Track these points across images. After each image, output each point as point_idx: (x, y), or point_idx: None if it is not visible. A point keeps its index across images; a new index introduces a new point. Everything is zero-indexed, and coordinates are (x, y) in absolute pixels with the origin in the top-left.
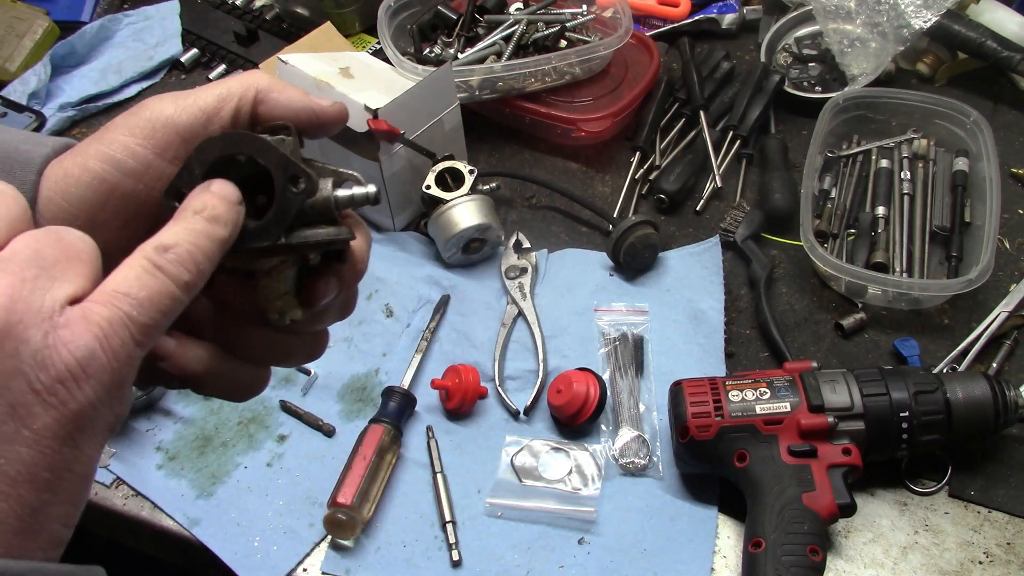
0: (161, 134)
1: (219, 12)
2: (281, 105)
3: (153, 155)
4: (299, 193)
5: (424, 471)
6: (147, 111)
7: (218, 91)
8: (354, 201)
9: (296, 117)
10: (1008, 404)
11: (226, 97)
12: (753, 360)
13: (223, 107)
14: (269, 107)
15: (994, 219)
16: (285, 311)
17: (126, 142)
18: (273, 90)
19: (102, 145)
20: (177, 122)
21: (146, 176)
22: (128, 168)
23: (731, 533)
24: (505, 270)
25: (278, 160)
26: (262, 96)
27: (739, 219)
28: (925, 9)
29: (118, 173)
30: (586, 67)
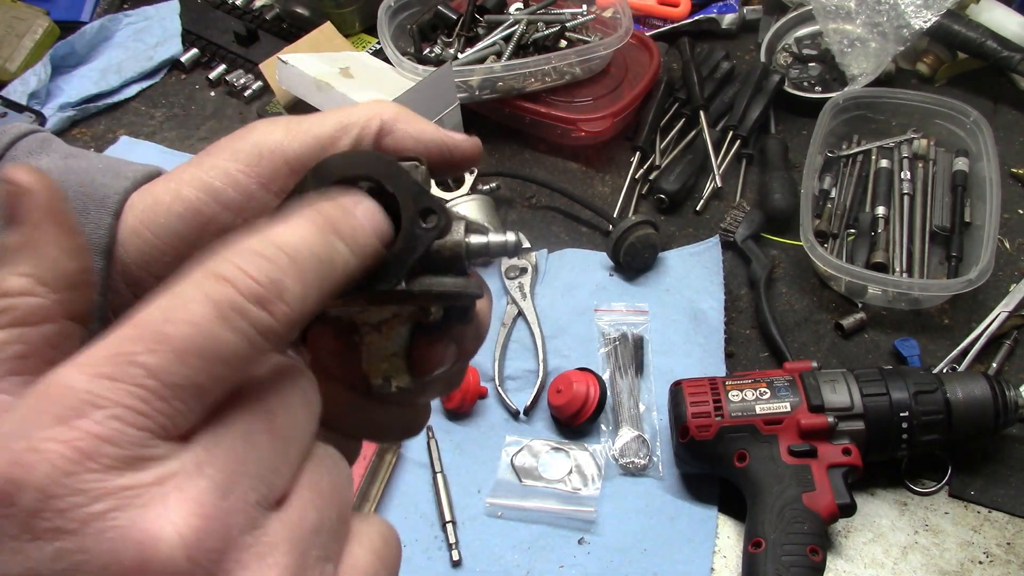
0: (268, 162)
1: (219, 12)
2: (410, 137)
3: (257, 185)
4: (430, 230)
5: (424, 471)
6: (254, 135)
7: (337, 119)
8: (489, 251)
9: (427, 152)
10: (1008, 404)
11: (346, 126)
12: (753, 360)
13: (341, 137)
14: (396, 139)
15: (994, 219)
16: (391, 376)
17: (227, 168)
18: (400, 120)
19: (199, 171)
20: (287, 150)
21: (247, 209)
22: (227, 199)
23: (731, 533)
24: (505, 270)
25: (410, 188)
26: (388, 127)
27: (739, 219)
28: (925, 9)
29: (216, 204)
30: (586, 67)
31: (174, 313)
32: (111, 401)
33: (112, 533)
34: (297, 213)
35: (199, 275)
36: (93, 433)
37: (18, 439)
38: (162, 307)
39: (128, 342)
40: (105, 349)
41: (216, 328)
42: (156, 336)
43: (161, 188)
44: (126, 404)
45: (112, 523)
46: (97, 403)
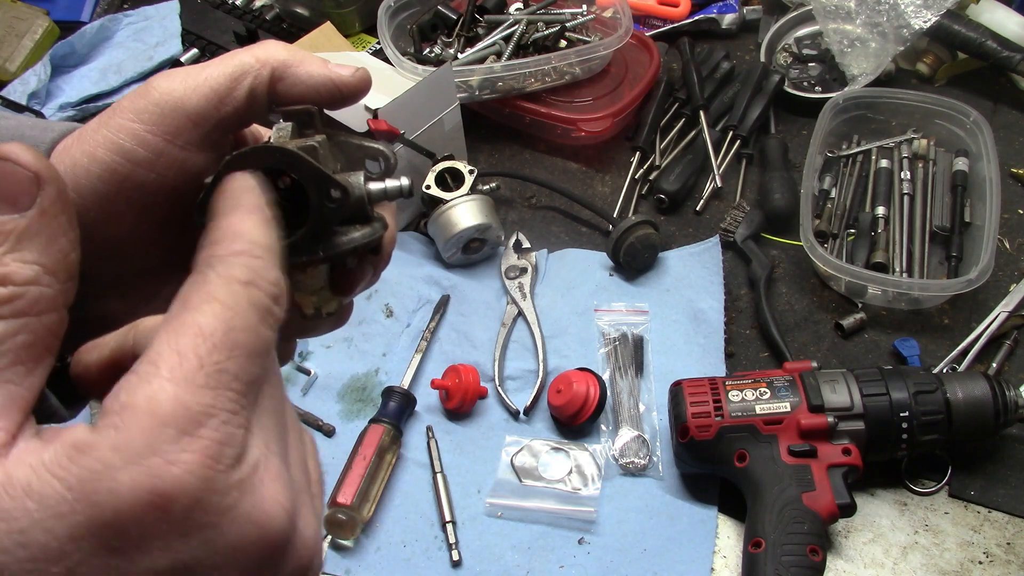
0: (171, 119)
1: (219, 12)
2: (301, 82)
3: (164, 142)
4: (335, 207)
5: (424, 471)
6: (155, 92)
7: (230, 69)
8: (387, 195)
9: (317, 93)
10: (1008, 404)
11: (239, 76)
12: (753, 360)
13: (237, 87)
14: (288, 84)
15: (994, 219)
16: (321, 305)
17: (135, 129)
18: (291, 64)
19: (109, 132)
20: (187, 106)
21: (158, 164)
22: (139, 158)
23: (731, 533)
24: (505, 270)
25: (313, 175)
26: (280, 73)
27: (739, 219)
28: (925, 9)
29: (129, 164)
30: (586, 67)
31: (235, 320)
32: (219, 409)
33: (240, 518)
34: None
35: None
36: (216, 440)
37: (150, 455)
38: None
39: (210, 351)
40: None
41: (263, 329)
42: (232, 345)
43: (77, 151)
44: (228, 409)
45: (239, 511)
46: (210, 412)
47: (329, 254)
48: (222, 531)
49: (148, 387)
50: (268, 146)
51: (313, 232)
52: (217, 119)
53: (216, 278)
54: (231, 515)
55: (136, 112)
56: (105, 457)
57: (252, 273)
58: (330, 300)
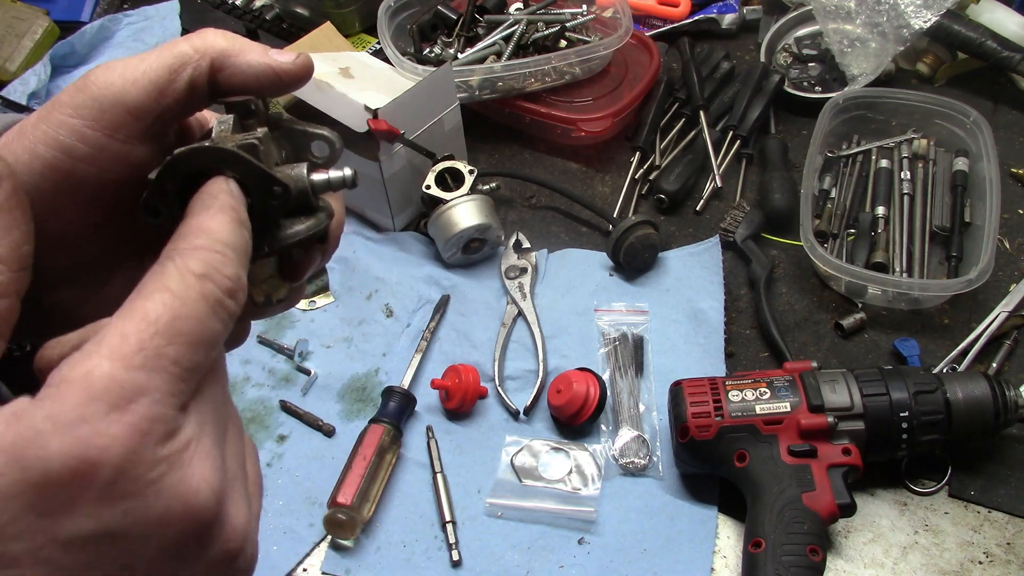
0: (110, 114)
1: (219, 12)
2: (241, 72)
3: (105, 137)
4: (277, 203)
5: (424, 471)
6: (93, 87)
7: (169, 60)
8: (331, 186)
9: (258, 81)
10: (1008, 404)
11: (179, 67)
12: (753, 360)
13: (176, 78)
14: (228, 74)
15: (994, 219)
16: (271, 293)
17: (74, 125)
18: (231, 53)
19: (49, 128)
20: (127, 99)
21: (100, 159)
22: (80, 153)
23: (731, 533)
24: (505, 270)
25: (252, 173)
26: (219, 62)
27: (739, 219)
28: (925, 9)
29: (70, 159)
30: (586, 67)
31: (182, 310)
32: (153, 388)
33: (165, 492)
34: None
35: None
36: (146, 416)
37: (80, 425)
38: (167, 304)
39: (151, 336)
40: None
41: (212, 322)
42: (175, 332)
43: (19, 147)
44: (164, 390)
45: (164, 484)
46: (142, 391)
47: (274, 248)
48: (147, 502)
49: (86, 363)
50: (206, 147)
51: (257, 228)
52: (157, 111)
53: (172, 269)
54: (156, 487)
55: (75, 107)
56: (38, 424)
57: (208, 267)
58: (280, 287)
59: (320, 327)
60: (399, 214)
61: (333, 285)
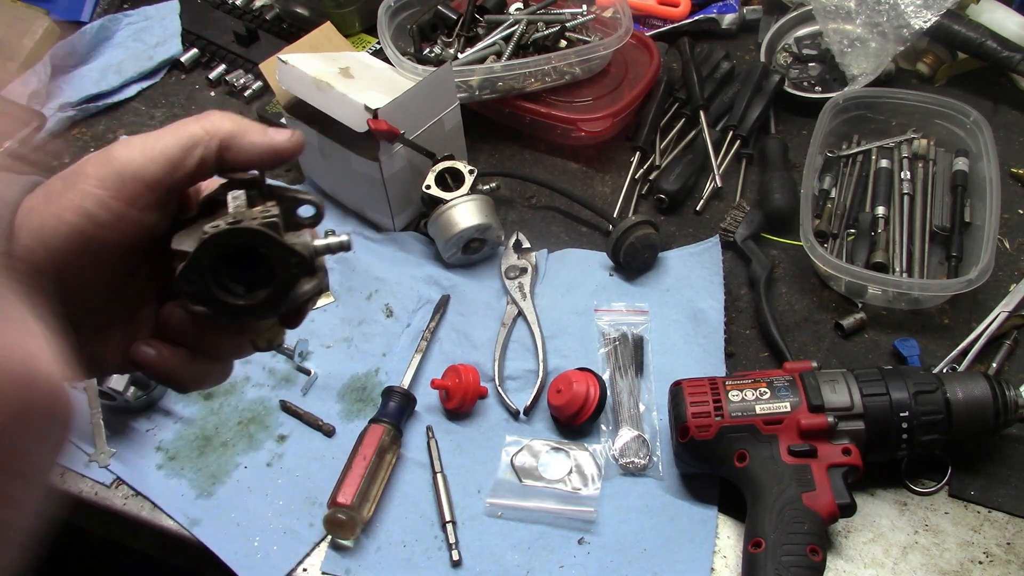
0: (131, 186)
1: (219, 12)
2: (245, 151)
3: (124, 207)
4: (296, 272)
5: (424, 471)
6: (117, 163)
7: (183, 140)
8: (330, 250)
9: (260, 158)
10: (1008, 404)
11: (191, 146)
12: (753, 360)
13: (188, 156)
14: (234, 152)
15: (994, 219)
16: (273, 339)
17: (99, 196)
18: (236, 135)
19: (75, 197)
20: (145, 174)
21: (119, 225)
22: (101, 220)
23: (731, 533)
24: (505, 270)
25: (279, 250)
26: (226, 143)
27: (739, 219)
28: (925, 9)
29: (93, 225)
30: (586, 67)
31: None
32: None
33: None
34: None
35: None
36: None
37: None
38: None
39: None
40: None
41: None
42: None
43: (46, 213)
44: None
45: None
46: None
47: (291, 307)
48: None
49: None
50: (243, 228)
51: (278, 293)
52: (170, 184)
53: None
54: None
55: (100, 179)
56: None
57: None
58: (279, 334)
59: (320, 327)
60: (399, 214)
61: (333, 285)
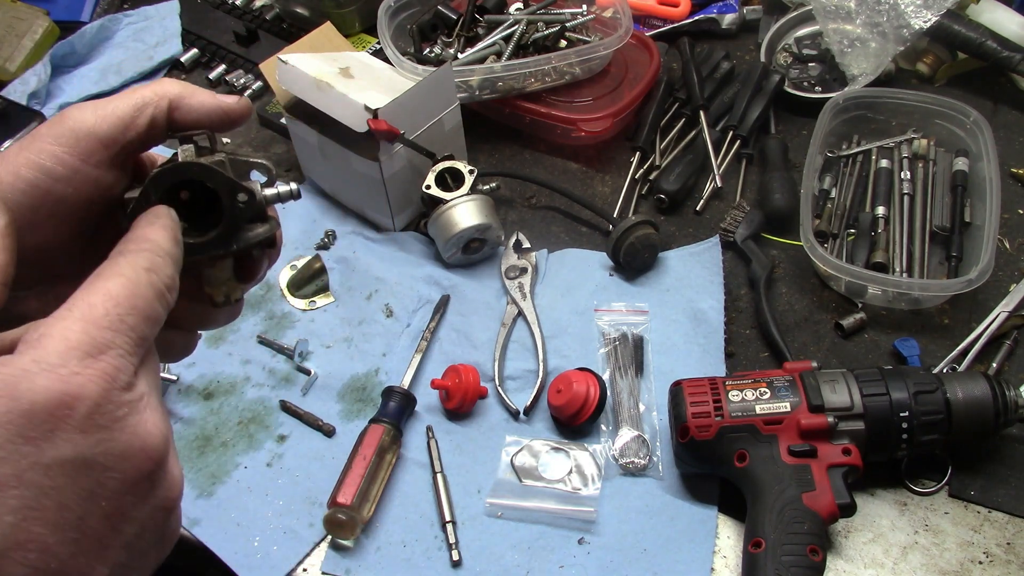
0: (85, 143)
1: (219, 12)
2: (194, 110)
3: (79, 162)
4: (244, 207)
5: (424, 471)
6: (70, 121)
7: (134, 101)
8: (280, 198)
9: (209, 118)
10: (1008, 404)
11: (142, 106)
12: (753, 360)
13: (139, 116)
14: (182, 113)
15: (994, 219)
16: (230, 294)
17: (54, 151)
18: (184, 96)
19: (31, 154)
20: (98, 132)
21: (75, 180)
22: (58, 175)
23: (731, 533)
24: (505, 270)
25: (224, 183)
26: (175, 103)
27: (739, 219)
28: (925, 9)
29: (49, 179)
30: (586, 67)
31: (136, 291)
32: (117, 345)
33: (128, 430)
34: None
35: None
36: (115, 365)
37: (62, 367)
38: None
39: (115, 307)
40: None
41: (157, 305)
42: (132, 306)
43: (2, 170)
44: (126, 348)
45: (127, 423)
46: (110, 345)
47: (241, 247)
48: (113, 436)
49: (62, 323)
50: (187, 162)
51: (227, 230)
52: (123, 142)
53: (124, 262)
54: (121, 425)
55: (55, 137)
56: (26, 366)
57: (152, 264)
58: (236, 288)
59: (320, 327)
60: (399, 214)
61: (333, 285)
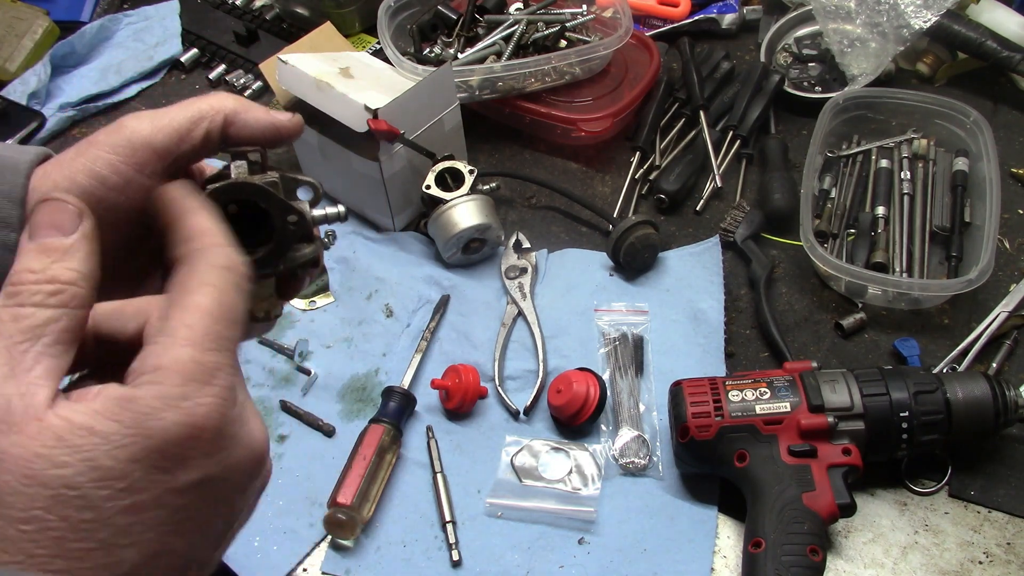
0: (140, 153)
1: (219, 12)
2: (248, 125)
3: (134, 172)
4: (294, 228)
5: (424, 471)
6: (127, 130)
7: (190, 113)
8: (327, 219)
9: (263, 134)
10: (1008, 404)
11: (198, 119)
12: (753, 360)
13: (195, 128)
14: (238, 128)
15: (994, 219)
16: (271, 310)
17: (109, 159)
18: (240, 112)
19: (87, 161)
20: (154, 142)
21: (127, 189)
22: (112, 183)
23: (731, 533)
24: (505, 270)
25: (277, 204)
26: (231, 118)
27: (739, 219)
28: (925, 9)
29: (103, 187)
30: (586, 67)
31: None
32: (223, 364)
33: (242, 443)
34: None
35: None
36: (226, 386)
37: (184, 400)
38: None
39: (213, 323)
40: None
41: (239, 302)
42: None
43: (57, 175)
44: (230, 364)
45: (239, 436)
46: (218, 367)
47: (288, 267)
48: (230, 452)
49: (172, 352)
50: (244, 182)
51: (275, 250)
52: (177, 154)
53: (205, 267)
54: (236, 441)
55: (111, 146)
56: (152, 403)
57: (228, 259)
58: (276, 304)
59: (320, 327)
60: (399, 214)
61: (333, 285)
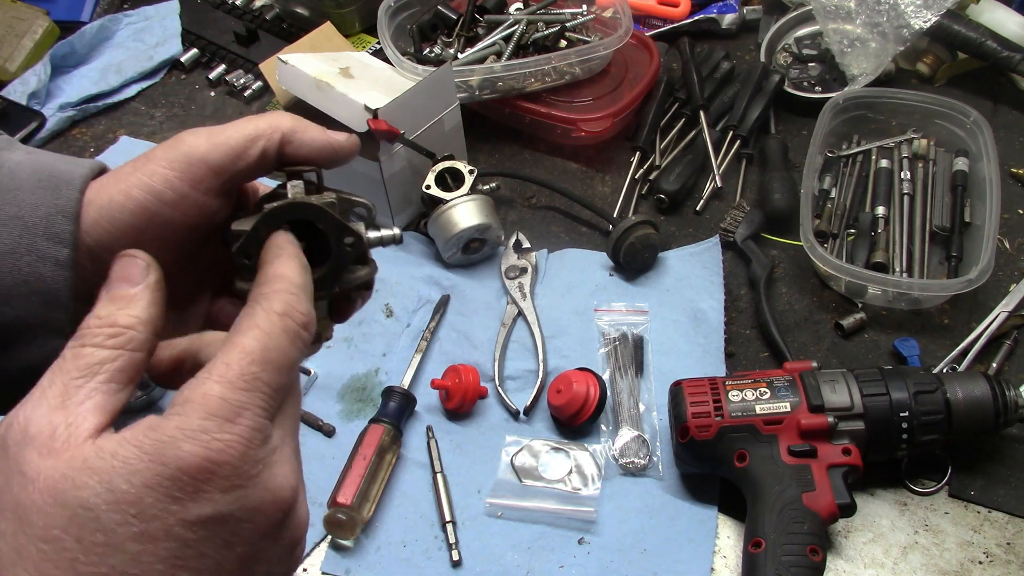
0: (196, 169)
1: (219, 12)
2: (306, 145)
3: (189, 188)
4: (350, 251)
5: (424, 471)
6: (184, 146)
7: (247, 131)
8: (382, 242)
9: (319, 154)
10: (1008, 404)
11: (255, 137)
12: (753, 360)
13: (251, 147)
14: (294, 148)
15: (994, 219)
16: (322, 332)
17: (165, 175)
18: (297, 131)
19: (143, 176)
20: (210, 159)
21: (182, 205)
22: (167, 199)
23: (731, 533)
24: (505, 270)
25: (335, 226)
26: (287, 137)
27: (739, 219)
28: (925, 9)
29: (158, 202)
30: (586, 67)
31: (269, 343)
32: (252, 405)
33: (261, 485)
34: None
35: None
36: (251, 427)
37: (201, 432)
38: (258, 339)
39: (248, 364)
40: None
41: (292, 351)
42: (265, 360)
43: (113, 189)
44: (261, 406)
45: (261, 479)
46: (245, 407)
47: (344, 288)
48: (248, 493)
49: (202, 387)
50: (302, 202)
51: (331, 271)
52: (232, 172)
53: (260, 310)
54: (255, 482)
55: (168, 161)
56: (172, 433)
57: (287, 306)
58: (328, 327)
59: None
60: (399, 214)
61: None
